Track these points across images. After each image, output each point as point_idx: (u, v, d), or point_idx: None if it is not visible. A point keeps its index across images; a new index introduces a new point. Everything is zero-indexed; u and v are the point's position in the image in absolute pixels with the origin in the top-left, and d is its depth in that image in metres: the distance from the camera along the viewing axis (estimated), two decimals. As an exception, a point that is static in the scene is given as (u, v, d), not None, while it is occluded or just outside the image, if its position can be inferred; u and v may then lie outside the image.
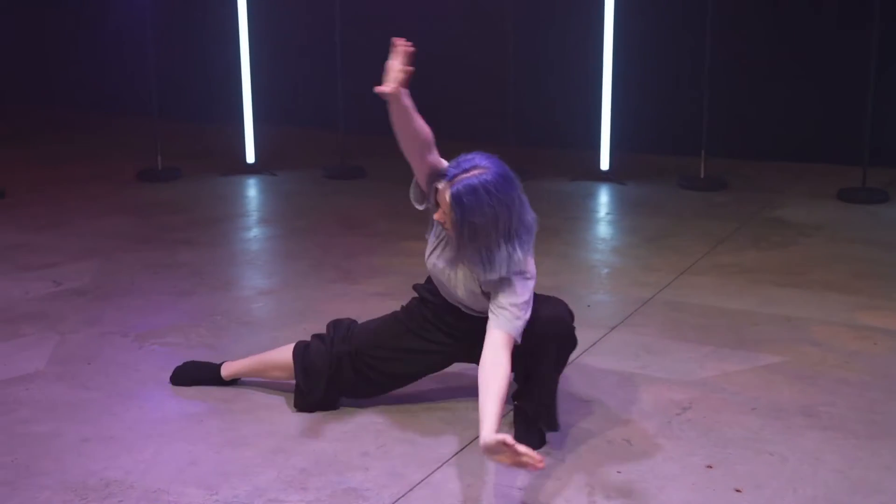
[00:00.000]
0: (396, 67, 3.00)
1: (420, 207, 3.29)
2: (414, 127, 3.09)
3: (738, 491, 2.96)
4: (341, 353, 3.46)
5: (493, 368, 2.98)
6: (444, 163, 3.18)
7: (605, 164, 7.23)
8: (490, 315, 3.11)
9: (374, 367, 3.45)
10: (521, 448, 2.70)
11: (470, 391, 3.64)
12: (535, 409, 3.26)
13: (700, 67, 6.89)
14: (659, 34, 7.67)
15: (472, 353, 3.26)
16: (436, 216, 3.14)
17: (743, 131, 7.65)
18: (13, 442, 3.29)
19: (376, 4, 8.37)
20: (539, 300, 3.23)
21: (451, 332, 3.39)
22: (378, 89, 2.97)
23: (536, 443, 3.21)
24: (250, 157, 7.69)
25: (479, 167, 3.01)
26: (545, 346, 3.20)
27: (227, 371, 3.71)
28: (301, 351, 3.52)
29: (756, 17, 7.52)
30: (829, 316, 4.44)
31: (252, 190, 7.17)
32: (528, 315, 3.12)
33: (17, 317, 4.49)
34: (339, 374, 3.47)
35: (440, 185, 3.07)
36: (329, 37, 7.40)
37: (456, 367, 3.87)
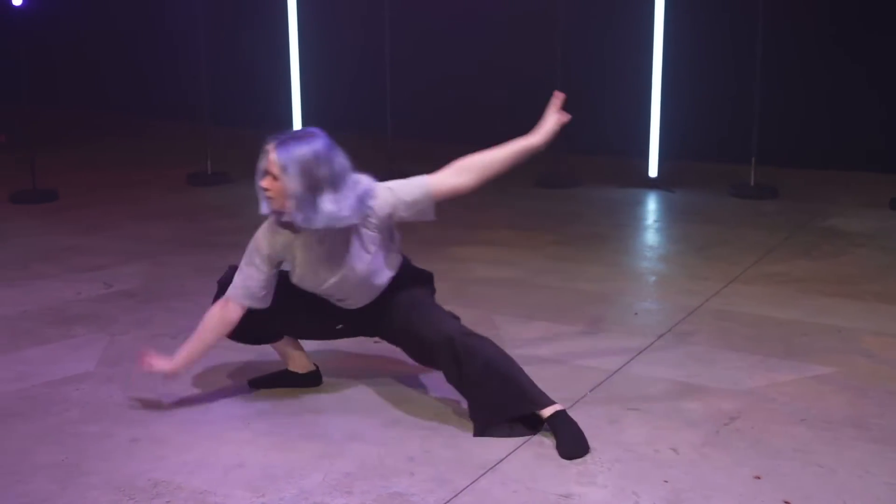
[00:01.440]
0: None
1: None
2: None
3: (786, 503, 2.93)
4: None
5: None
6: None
7: (653, 171, 7.19)
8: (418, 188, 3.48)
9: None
10: None
11: (516, 398, 3.63)
12: (494, 408, 3.34)
13: (751, 74, 6.84)
14: (709, 40, 7.62)
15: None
16: (263, 183, 3.34)
17: (794, 139, 7.58)
18: (64, 441, 3.34)
19: (425, 12, 8.39)
20: (422, 317, 3.42)
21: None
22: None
23: (580, 449, 3.20)
24: (299, 162, 7.73)
25: (308, 133, 3.31)
26: (439, 356, 3.38)
27: (292, 365, 3.75)
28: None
29: (807, 23, 7.45)
30: (881, 327, 4.37)
31: (300, 195, 7.20)
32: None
33: (68, 318, 4.55)
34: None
35: (269, 146, 3.31)
36: (378, 44, 7.43)
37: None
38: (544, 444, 3.29)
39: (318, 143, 3.27)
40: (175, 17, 9.20)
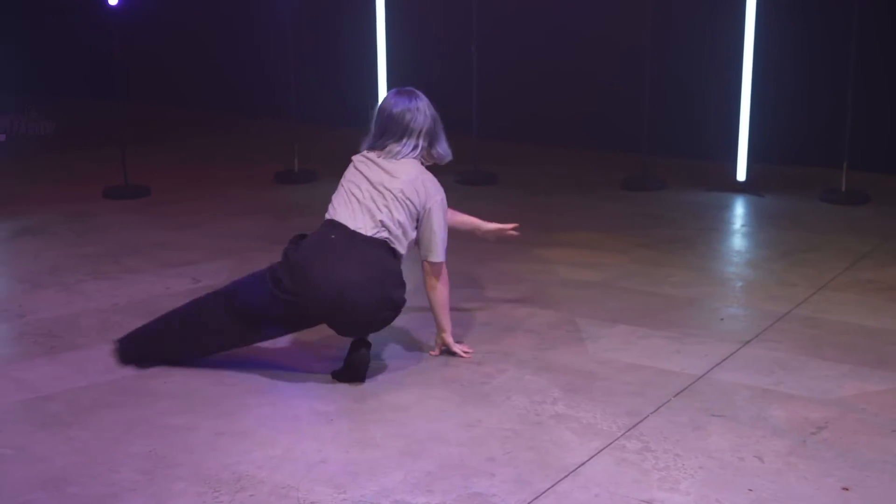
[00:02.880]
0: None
1: None
2: None
3: (875, 515, 2.87)
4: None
5: None
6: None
7: (741, 175, 7.09)
8: None
9: None
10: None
11: (599, 402, 3.62)
12: None
13: (843, 76, 6.70)
14: (800, 42, 7.49)
15: None
16: None
17: (887, 143, 7.40)
18: (152, 433, 3.41)
19: (513, 12, 8.38)
20: None
21: None
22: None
23: None
24: (384, 162, 7.78)
25: None
26: None
27: None
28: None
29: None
30: (976, 337, 4.26)
31: (385, 194, 7.24)
32: None
33: (157, 311, 4.62)
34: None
35: None
36: (465, 43, 7.44)
37: (586, 377, 3.84)
38: (626, 448, 3.27)
39: None
40: (264, 17, 9.33)
